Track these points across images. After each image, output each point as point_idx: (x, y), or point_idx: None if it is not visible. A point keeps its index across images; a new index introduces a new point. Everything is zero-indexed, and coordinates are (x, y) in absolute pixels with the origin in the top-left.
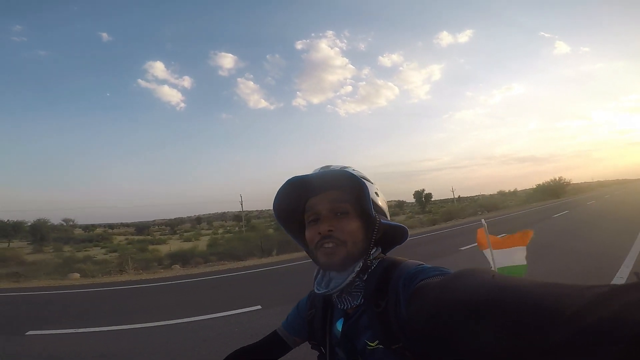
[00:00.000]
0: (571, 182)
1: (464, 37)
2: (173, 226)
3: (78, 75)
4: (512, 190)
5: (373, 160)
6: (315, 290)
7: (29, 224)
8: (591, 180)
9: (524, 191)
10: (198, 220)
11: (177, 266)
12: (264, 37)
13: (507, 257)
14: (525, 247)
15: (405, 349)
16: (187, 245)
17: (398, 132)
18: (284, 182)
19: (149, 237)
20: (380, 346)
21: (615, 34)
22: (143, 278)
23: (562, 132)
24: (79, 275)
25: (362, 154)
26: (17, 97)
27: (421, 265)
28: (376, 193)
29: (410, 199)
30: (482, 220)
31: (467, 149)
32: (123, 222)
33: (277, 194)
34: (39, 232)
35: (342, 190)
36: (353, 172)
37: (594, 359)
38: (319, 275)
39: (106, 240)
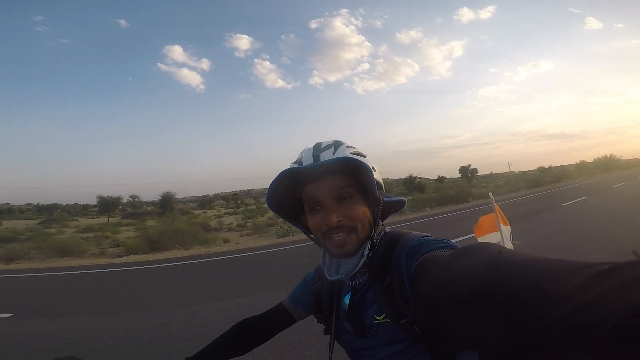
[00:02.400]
0: (622, 159)
1: (486, 13)
2: (229, 200)
3: (99, 61)
4: (547, 166)
5: (392, 137)
6: (328, 277)
7: (159, 197)
8: (631, 158)
9: (561, 167)
10: (234, 196)
11: None
12: (277, 18)
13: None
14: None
15: (413, 324)
16: None
17: (418, 109)
18: (277, 174)
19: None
20: (387, 320)
21: None
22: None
23: (594, 108)
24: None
25: (380, 131)
26: (42, 85)
27: (424, 237)
28: (373, 168)
29: (432, 175)
30: (490, 193)
31: (491, 125)
32: (150, 200)
33: (270, 186)
34: (168, 204)
35: (342, 174)
36: (351, 155)
37: (584, 340)
38: (327, 259)
39: (187, 214)
